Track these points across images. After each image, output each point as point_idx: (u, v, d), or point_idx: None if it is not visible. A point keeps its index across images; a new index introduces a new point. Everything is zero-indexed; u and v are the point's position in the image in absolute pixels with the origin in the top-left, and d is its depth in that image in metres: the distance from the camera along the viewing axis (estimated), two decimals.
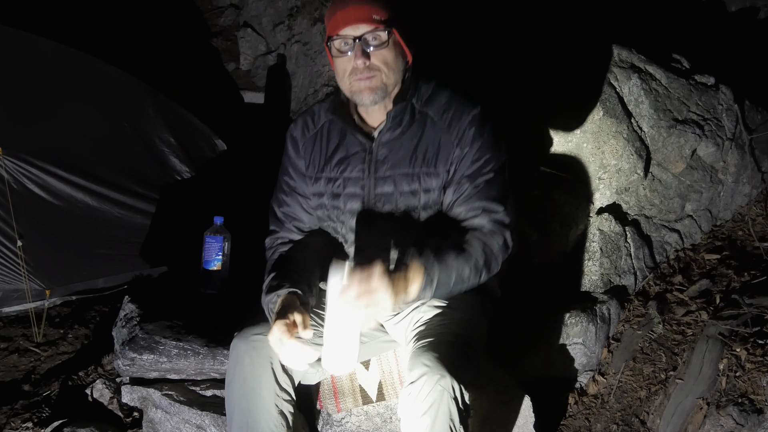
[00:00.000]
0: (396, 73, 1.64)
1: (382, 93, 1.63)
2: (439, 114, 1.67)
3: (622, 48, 2.72)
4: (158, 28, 4.75)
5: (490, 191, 1.63)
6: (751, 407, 1.96)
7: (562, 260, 2.58)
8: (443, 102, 1.68)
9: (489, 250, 1.60)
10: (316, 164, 1.76)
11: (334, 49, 1.61)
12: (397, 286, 1.41)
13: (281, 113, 4.20)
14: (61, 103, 2.93)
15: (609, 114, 2.56)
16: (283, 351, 1.47)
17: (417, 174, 1.66)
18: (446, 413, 1.44)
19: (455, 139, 1.64)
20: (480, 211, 1.62)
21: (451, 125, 1.65)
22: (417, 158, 1.66)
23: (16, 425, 2.21)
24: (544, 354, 2.40)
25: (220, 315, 2.26)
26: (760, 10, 3.70)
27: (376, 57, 1.59)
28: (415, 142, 1.66)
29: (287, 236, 1.78)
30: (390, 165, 1.67)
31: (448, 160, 1.65)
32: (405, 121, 1.68)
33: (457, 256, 1.54)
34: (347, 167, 1.71)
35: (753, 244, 2.62)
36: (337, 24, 1.58)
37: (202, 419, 2.01)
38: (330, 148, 1.74)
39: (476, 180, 1.63)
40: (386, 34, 1.58)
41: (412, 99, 1.68)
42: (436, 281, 1.49)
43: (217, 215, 2.42)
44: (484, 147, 1.64)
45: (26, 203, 2.66)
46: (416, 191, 1.67)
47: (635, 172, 2.59)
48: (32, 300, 2.61)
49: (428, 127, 1.67)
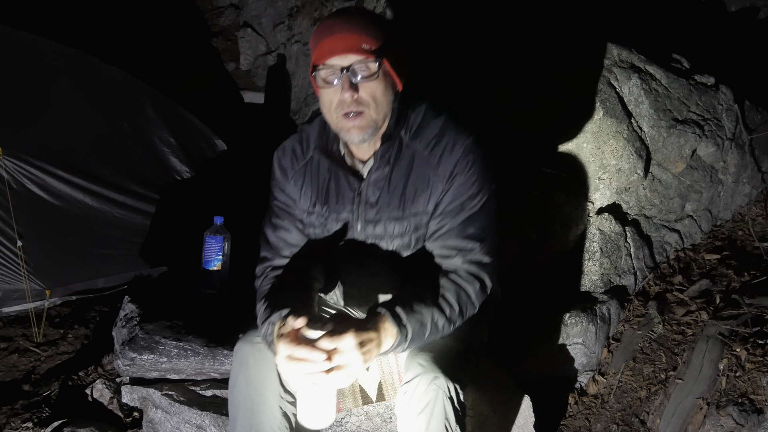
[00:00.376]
0: (385, 107, 1.54)
1: (371, 131, 1.54)
2: (428, 149, 1.58)
3: (622, 48, 2.72)
4: (158, 28, 4.75)
5: (468, 229, 1.56)
6: (751, 407, 1.96)
7: (562, 260, 2.58)
8: (432, 135, 1.59)
9: (465, 297, 1.54)
10: (306, 199, 1.68)
11: (320, 79, 1.50)
12: (369, 345, 1.36)
13: (281, 113, 4.20)
14: (61, 103, 2.93)
15: (609, 114, 2.56)
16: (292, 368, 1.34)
17: (406, 216, 1.61)
18: (441, 412, 1.45)
19: (443, 176, 1.57)
20: (456, 252, 1.56)
21: (440, 162, 1.57)
22: (406, 200, 1.60)
23: (16, 425, 2.21)
24: (544, 354, 2.40)
25: (220, 315, 2.26)
26: (760, 10, 3.70)
27: (365, 90, 1.49)
28: (403, 182, 1.59)
29: (280, 263, 1.70)
30: (379, 208, 1.61)
31: (435, 199, 1.59)
32: (393, 157, 1.60)
33: (433, 308, 1.49)
34: (336, 207, 1.65)
35: (753, 244, 2.62)
36: (323, 53, 1.48)
37: (202, 419, 2.01)
38: (320, 184, 1.66)
39: (456, 217, 1.57)
40: (376, 66, 1.48)
41: (401, 131, 1.60)
42: (410, 337, 1.45)
43: (217, 215, 2.42)
44: (469, 183, 1.56)
45: (26, 203, 2.66)
46: (405, 232, 1.62)
47: (635, 172, 2.59)
48: (32, 300, 2.61)
49: (417, 165, 1.59)
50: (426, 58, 3.09)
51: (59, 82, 2.97)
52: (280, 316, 1.47)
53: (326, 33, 1.48)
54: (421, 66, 3.01)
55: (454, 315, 1.53)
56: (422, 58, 3.07)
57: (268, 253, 1.72)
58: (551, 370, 2.41)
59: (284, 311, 1.47)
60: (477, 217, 1.57)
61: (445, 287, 1.53)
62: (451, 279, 1.55)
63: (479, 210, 1.57)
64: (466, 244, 1.56)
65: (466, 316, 1.56)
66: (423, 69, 3.02)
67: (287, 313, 1.43)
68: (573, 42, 2.82)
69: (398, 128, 1.60)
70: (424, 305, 1.48)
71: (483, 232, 1.57)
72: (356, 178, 1.63)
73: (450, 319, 1.52)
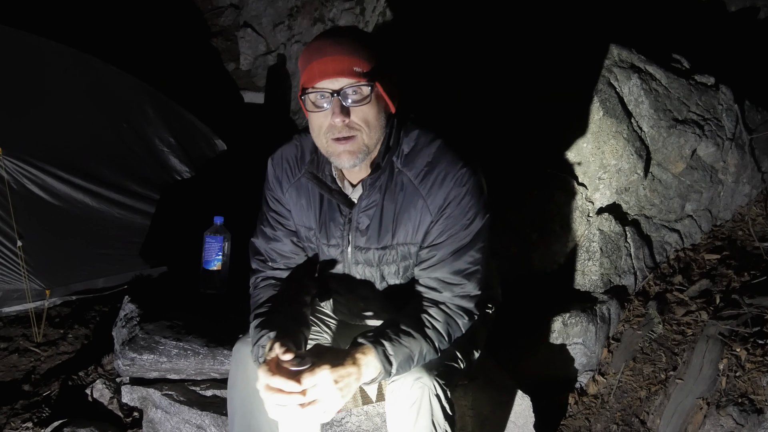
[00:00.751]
0: (378, 131, 1.49)
1: (363, 156, 1.48)
2: (419, 178, 1.53)
3: (622, 48, 2.72)
4: (158, 28, 4.75)
5: (457, 263, 1.53)
6: (751, 407, 1.96)
7: (562, 260, 2.58)
8: (424, 163, 1.53)
9: (455, 327, 1.54)
10: (301, 216, 1.66)
11: (309, 102, 1.45)
12: (346, 380, 1.35)
13: (281, 113, 4.20)
14: (61, 103, 2.93)
15: (609, 114, 2.56)
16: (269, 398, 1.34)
17: (394, 245, 1.59)
18: (428, 409, 1.46)
19: (434, 209, 1.53)
20: (445, 286, 1.54)
21: (430, 193, 1.52)
22: (395, 230, 1.57)
23: (16, 425, 2.21)
24: (544, 354, 2.40)
25: (220, 315, 2.26)
26: (760, 10, 3.70)
27: (357, 114, 1.43)
28: (393, 211, 1.55)
29: (273, 274, 1.68)
30: (368, 237, 1.59)
31: (424, 230, 1.56)
32: (384, 185, 1.55)
33: (421, 341, 1.47)
34: (327, 232, 1.63)
35: (753, 244, 2.62)
36: (312, 75, 1.42)
37: (202, 419, 2.01)
38: (312, 205, 1.64)
39: (445, 249, 1.53)
40: (368, 89, 1.42)
41: (392, 157, 1.55)
42: (395, 371, 1.44)
43: (217, 215, 2.42)
44: (461, 215, 1.52)
45: (26, 203, 2.66)
46: (393, 261, 1.61)
47: (635, 172, 2.59)
48: (32, 300, 2.61)
49: (407, 195, 1.54)
50: (423, 59, 3.09)
51: (59, 83, 2.97)
52: (268, 339, 1.46)
53: (316, 55, 1.42)
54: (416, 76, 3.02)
55: (443, 345, 1.53)
56: (418, 65, 3.08)
57: (260, 265, 1.70)
58: (551, 370, 2.41)
59: (272, 334, 1.47)
60: (467, 250, 1.53)
61: (435, 318, 1.51)
62: (442, 310, 1.53)
63: (470, 242, 1.53)
64: (456, 279, 1.53)
65: (453, 339, 1.56)
66: (418, 76, 3.03)
67: (275, 338, 1.43)
68: (573, 42, 2.82)
69: (390, 153, 1.54)
70: (412, 338, 1.46)
71: (473, 266, 1.54)
72: (347, 203, 1.60)
73: (438, 350, 1.52)
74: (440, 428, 1.48)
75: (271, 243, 1.68)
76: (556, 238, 2.57)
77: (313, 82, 1.42)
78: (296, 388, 1.31)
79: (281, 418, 1.37)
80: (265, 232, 1.69)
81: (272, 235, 1.68)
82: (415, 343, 1.46)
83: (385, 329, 1.46)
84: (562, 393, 2.39)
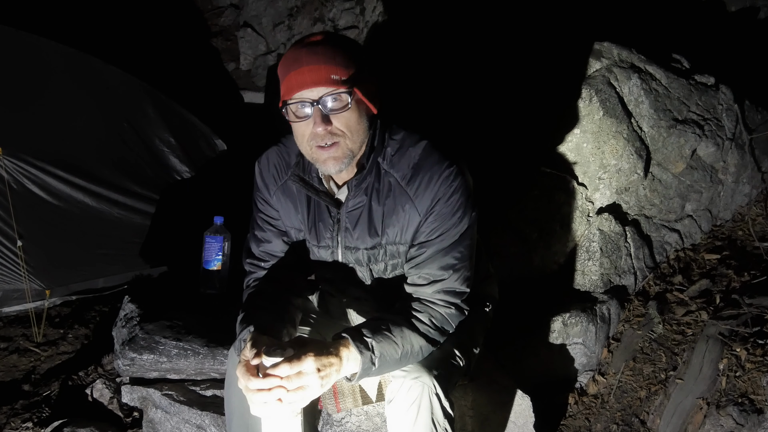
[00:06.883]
0: (362, 135, 1.50)
1: (348, 160, 1.49)
2: (405, 180, 1.54)
3: (622, 48, 2.72)
4: (158, 28, 4.76)
5: (444, 259, 1.54)
6: (751, 407, 1.96)
7: (562, 260, 2.58)
8: (410, 165, 1.54)
9: (440, 318, 1.55)
10: (287, 219, 1.68)
11: (291, 113, 1.45)
12: (328, 369, 1.36)
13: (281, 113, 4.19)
14: (61, 103, 2.93)
15: (609, 114, 2.56)
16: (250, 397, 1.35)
17: (382, 245, 1.60)
18: (428, 408, 1.48)
19: (421, 209, 1.54)
20: (430, 280, 1.55)
21: (417, 194, 1.53)
22: (383, 230, 1.58)
23: (16, 425, 2.21)
24: (544, 354, 2.40)
25: (220, 315, 2.26)
26: (760, 10, 3.70)
27: (338, 121, 1.44)
28: (380, 212, 1.57)
29: (265, 275, 1.69)
30: (356, 236, 1.60)
31: (413, 230, 1.57)
32: (370, 186, 1.56)
33: (406, 331, 1.48)
34: (317, 233, 1.64)
35: (753, 244, 2.62)
36: (291, 86, 1.42)
37: (202, 419, 2.01)
38: (300, 207, 1.65)
39: (433, 247, 1.55)
40: (348, 96, 1.42)
41: (378, 158, 1.56)
42: (377, 362, 1.43)
43: (217, 215, 2.42)
44: (449, 214, 1.53)
45: (26, 203, 2.66)
46: (380, 260, 1.63)
47: (635, 172, 2.59)
48: (32, 300, 2.61)
49: (395, 197, 1.55)
50: (423, 59, 3.09)
51: (59, 83, 2.97)
52: (249, 333, 1.46)
53: (293, 66, 1.42)
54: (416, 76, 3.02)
55: (434, 339, 1.53)
56: (418, 65, 3.08)
57: (253, 267, 1.71)
58: (551, 370, 2.41)
59: (251, 327, 1.47)
60: (455, 247, 1.55)
61: (418, 310, 1.53)
62: (425, 303, 1.54)
63: (458, 240, 1.55)
64: (442, 274, 1.55)
65: (444, 335, 1.56)
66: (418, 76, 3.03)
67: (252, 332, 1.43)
68: (573, 42, 2.82)
69: (375, 154, 1.55)
70: (398, 333, 1.46)
71: (460, 262, 1.56)
72: (334, 203, 1.61)
73: (430, 344, 1.52)
74: (440, 427, 1.49)
75: (262, 245, 1.70)
76: (556, 238, 2.57)
77: (292, 93, 1.43)
78: (274, 382, 1.31)
79: (264, 415, 1.38)
80: (256, 234, 1.71)
81: (262, 236, 1.70)
82: (401, 338, 1.46)
83: (368, 324, 1.47)
84: (562, 393, 2.39)
